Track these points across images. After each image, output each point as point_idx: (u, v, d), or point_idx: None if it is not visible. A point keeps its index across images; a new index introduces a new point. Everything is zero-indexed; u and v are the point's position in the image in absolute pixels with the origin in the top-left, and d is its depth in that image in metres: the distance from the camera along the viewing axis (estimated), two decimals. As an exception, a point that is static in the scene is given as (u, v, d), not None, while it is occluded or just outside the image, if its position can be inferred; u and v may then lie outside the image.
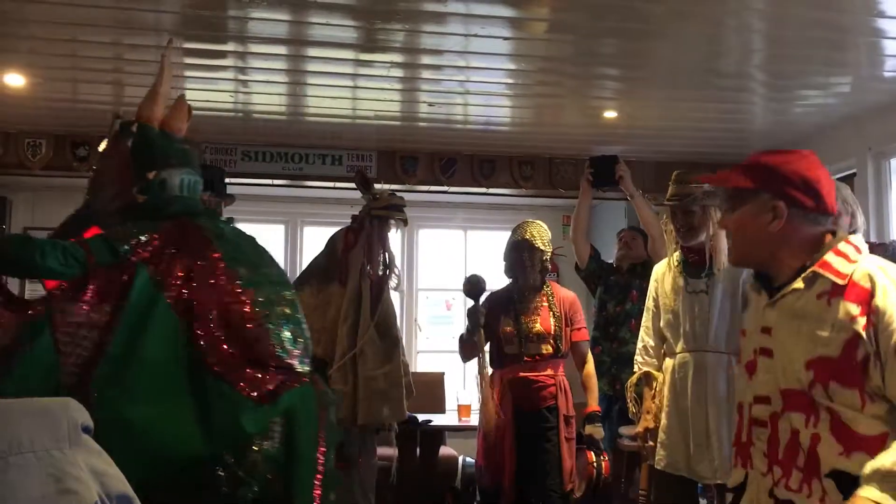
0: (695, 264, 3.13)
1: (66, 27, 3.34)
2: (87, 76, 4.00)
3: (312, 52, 3.71)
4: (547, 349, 3.52)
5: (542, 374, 3.51)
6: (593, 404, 3.60)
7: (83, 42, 3.52)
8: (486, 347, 3.62)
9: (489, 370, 3.54)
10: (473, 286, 3.53)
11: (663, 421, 3.13)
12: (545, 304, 3.59)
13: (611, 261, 4.55)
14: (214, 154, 5.09)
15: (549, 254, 3.65)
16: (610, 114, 4.56)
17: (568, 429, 3.50)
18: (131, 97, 4.36)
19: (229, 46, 3.65)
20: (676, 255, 3.20)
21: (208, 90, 4.23)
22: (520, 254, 3.58)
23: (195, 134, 4.96)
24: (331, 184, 5.36)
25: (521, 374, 3.50)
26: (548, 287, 3.64)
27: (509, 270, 3.68)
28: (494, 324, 3.56)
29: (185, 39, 3.56)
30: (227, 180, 3.84)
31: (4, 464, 0.99)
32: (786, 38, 3.46)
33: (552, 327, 3.53)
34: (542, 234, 3.62)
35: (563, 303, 3.61)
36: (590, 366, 3.65)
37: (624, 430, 3.99)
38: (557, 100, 4.38)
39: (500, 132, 5.02)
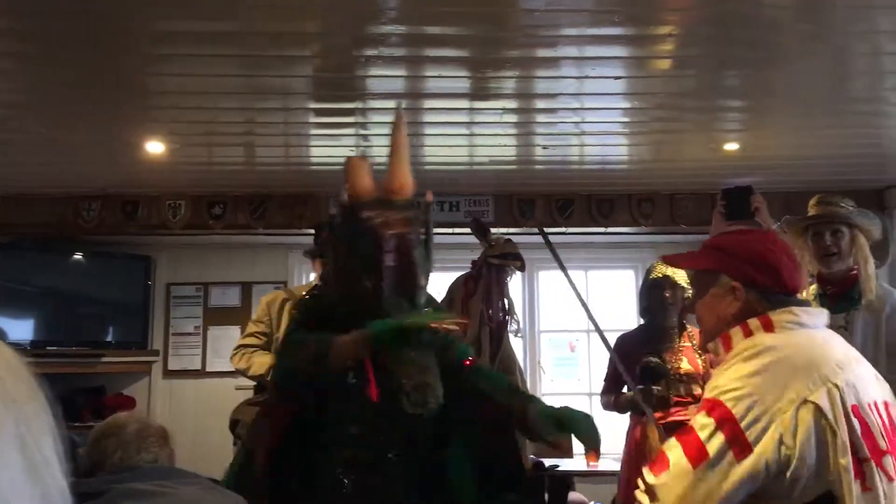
0: (833, 297, 2.93)
1: (202, 96, 3.59)
2: (221, 140, 4.27)
3: (428, 103, 3.81)
4: (697, 390, 3.37)
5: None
6: None
7: (217, 109, 3.77)
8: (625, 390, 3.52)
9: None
10: (654, 371, 3.36)
11: None
12: (688, 343, 3.45)
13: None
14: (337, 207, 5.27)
15: (690, 291, 3.53)
16: (731, 146, 4.43)
17: None
18: (262, 157, 4.63)
19: (351, 104, 3.80)
20: (812, 287, 3.02)
21: (332, 146, 4.41)
22: (661, 292, 3.47)
23: (320, 188, 5.20)
24: (449, 230, 5.44)
25: (676, 417, 3.33)
26: (688, 328, 3.52)
27: (647, 310, 3.56)
28: (634, 364, 3.42)
29: (309, 100, 3.75)
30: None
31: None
32: (921, 56, 3.27)
33: (700, 367, 3.39)
34: (680, 270, 3.52)
35: None
36: None
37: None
38: (677, 135, 4.30)
39: (617, 170, 4.96)
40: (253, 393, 3.67)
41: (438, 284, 4.62)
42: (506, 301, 3.55)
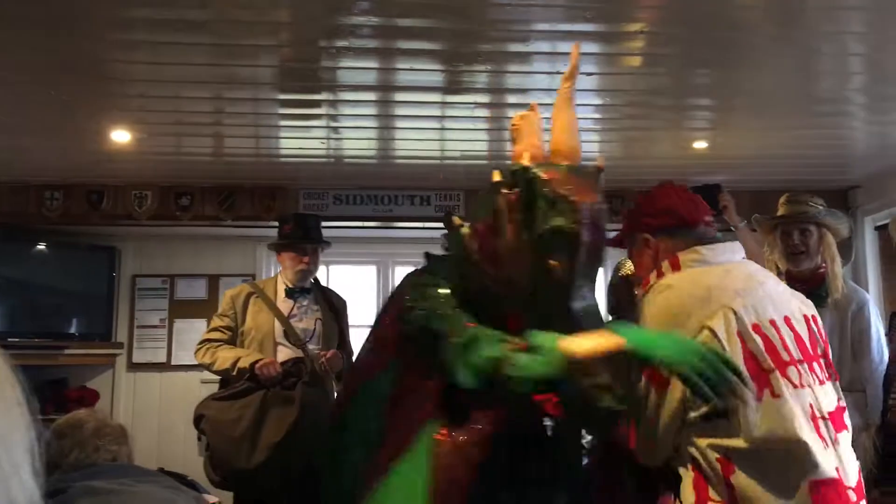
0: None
1: (170, 84, 3.53)
2: (189, 130, 4.20)
3: (400, 96, 3.79)
4: None
5: None
6: None
7: (185, 98, 3.71)
8: None
9: None
10: None
11: None
12: None
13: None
14: (308, 199, 5.25)
15: None
16: (700, 144, 4.47)
17: None
18: (231, 148, 4.57)
19: (321, 96, 3.77)
20: (781, 285, 3.07)
21: (301, 138, 4.37)
22: (629, 289, 3.50)
23: (290, 181, 5.15)
24: (420, 224, 5.43)
25: None
26: None
27: (615, 308, 3.59)
28: None
29: (279, 91, 3.71)
30: (321, 225, 3.93)
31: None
32: (887, 59, 3.32)
33: None
34: None
35: None
36: None
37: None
38: (647, 133, 4.33)
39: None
40: (218, 387, 3.62)
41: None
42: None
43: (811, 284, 2.97)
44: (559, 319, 1.60)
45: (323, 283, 4.09)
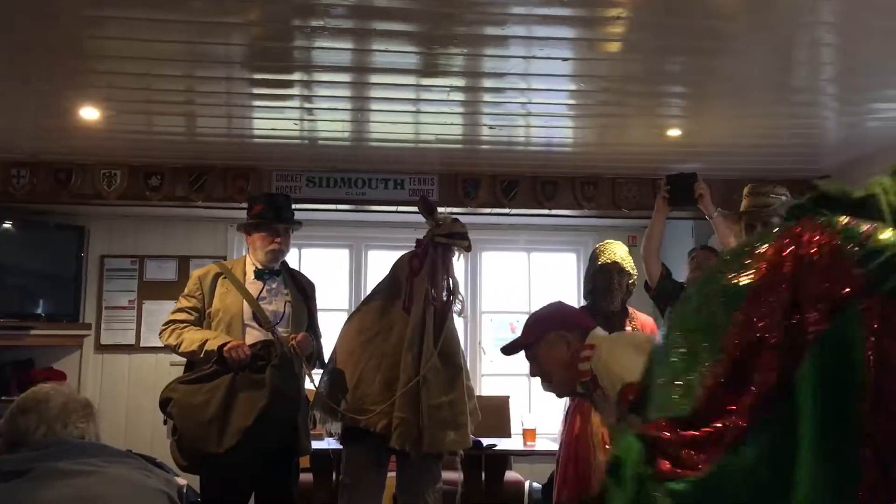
0: None
1: (141, 61, 3.46)
2: (160, 108, 4.13)
3: (375, 78, 3.76)
4: None
5: None
6: None
7: (156, 76, 3.64)
8: None
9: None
10: None
11: None
12: (629, 327, 3.51)
13: (681, 280, 4.45)
14: (280, 181, 5.19)
15: (635, 277, 3.58)
16: (673, 132, 4.49)
17: None
18: (202, 127, 4.51)
19: (295, 76, 3.72)
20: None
21: (274, 118, 4.32)
22: (608, 276, 3.51)
23: (263, 162, 5.10)
24: (393, 208, 5.41)
25: None
26: (629, 313, 3.57)
27: (592, 294, 3.60)
28: None
29: (252, 70, 3.66)
30: (292, 206, 3.88)
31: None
32: (858, 50, 3.36)
33: None
34: (627, 256, 3.57)
35: (645, 328, 3.54)
36: None
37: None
38: (621, 119, 4.34)
39: (562, 153, 4.99)
40: (184, 370, 3.57)
41: (384, 263, 4.59)
42: (451, 281, 3.53)
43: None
44: None
45: (295, 265, 4.05)
